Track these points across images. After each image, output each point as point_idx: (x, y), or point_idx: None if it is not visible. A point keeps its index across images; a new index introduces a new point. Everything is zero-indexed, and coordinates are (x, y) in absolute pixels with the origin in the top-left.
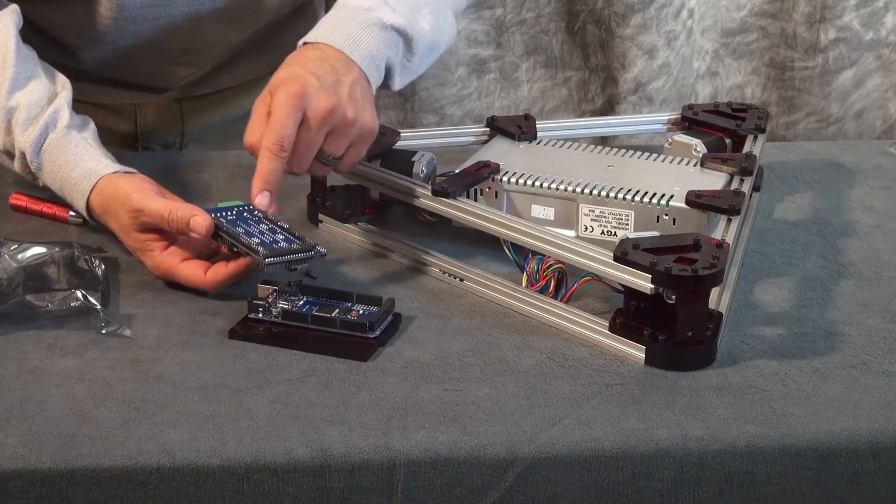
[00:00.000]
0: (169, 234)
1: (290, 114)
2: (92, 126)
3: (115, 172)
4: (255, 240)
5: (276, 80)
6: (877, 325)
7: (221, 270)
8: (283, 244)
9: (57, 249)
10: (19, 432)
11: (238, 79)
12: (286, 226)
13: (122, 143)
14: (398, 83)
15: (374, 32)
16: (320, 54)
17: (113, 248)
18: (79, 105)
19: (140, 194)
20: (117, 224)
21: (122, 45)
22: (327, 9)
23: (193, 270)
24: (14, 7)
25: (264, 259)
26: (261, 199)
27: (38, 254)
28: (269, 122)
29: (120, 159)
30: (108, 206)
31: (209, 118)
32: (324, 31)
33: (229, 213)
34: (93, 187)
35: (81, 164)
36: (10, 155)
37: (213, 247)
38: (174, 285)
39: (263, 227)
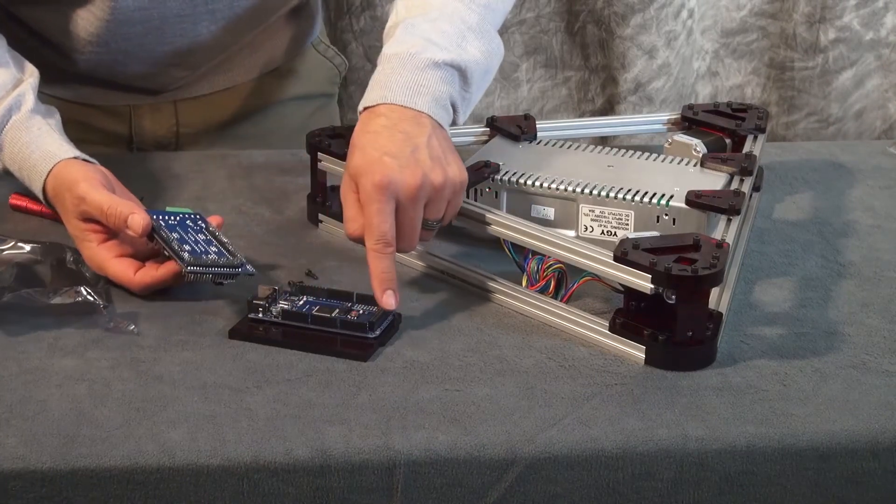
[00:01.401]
0: (108, 228)
1: (383, 208)
2: (57, 116)
3: (73, 158)
4: (187, 247)
5: (355, 167)
6: (877, 325)
7: (150, 273)
8: (212, 256)
9: (44, 247)
10: (19, 432)
11: (233, 80)
12: (225, 240)
13: (118, 145)
14: (462, 117)
15: (430, 74)
16: (386, 122)
17: None
18: (73, 106)
19: (87, 183)
20: (63, 208)
21: (115, 47)
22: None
23: (123, 268)
24: None
25: (187, 266)
26: (387, 300)
27: (26, 253)
28: (366, 221)
29: (114, 161)
30: (58, 191)
31: (204, 119)
32: (379, 90)
33: (173, 217)
34: (50, 170)
35: (42, 146)
36: None
37: (152, 248)
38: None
39: (201, 237)
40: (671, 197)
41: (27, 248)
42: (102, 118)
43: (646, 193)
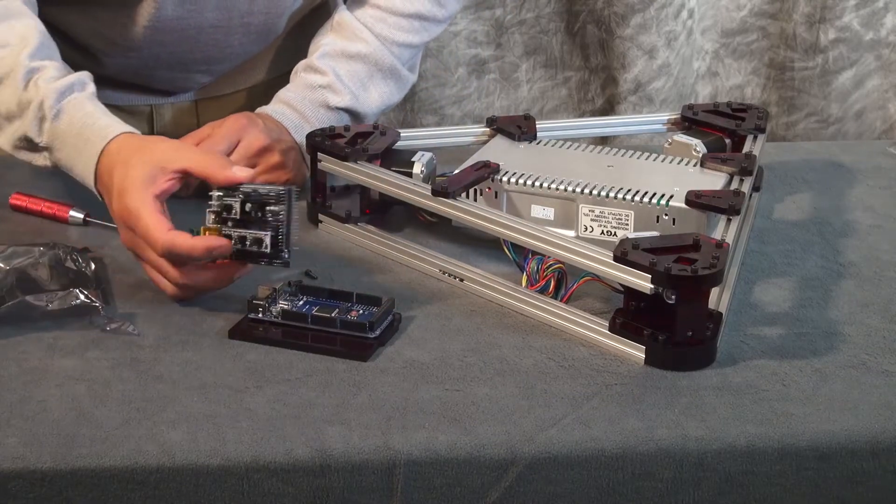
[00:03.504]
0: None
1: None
2: None
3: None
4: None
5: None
6: (877, 325)
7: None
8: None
9: (41, 249)
10: (19, 432)
11: (253, 80)
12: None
13: None
14: None
15: (321, 114)
16: (270, 124)
17: (101, 249)
18: None
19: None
20: (140, 162)
21: (147, 52)
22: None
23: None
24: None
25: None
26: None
27: (23, 256)
28: None
29: None
30: (142, 144)
31: (223, 118)
32: (278, 105)
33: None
34: (119, 133)
35: (108, 116)
36: (12, 117)
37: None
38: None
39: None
40: (671, 197)
41: (19, 251)
42: (124, 118)
43: (646, 193)
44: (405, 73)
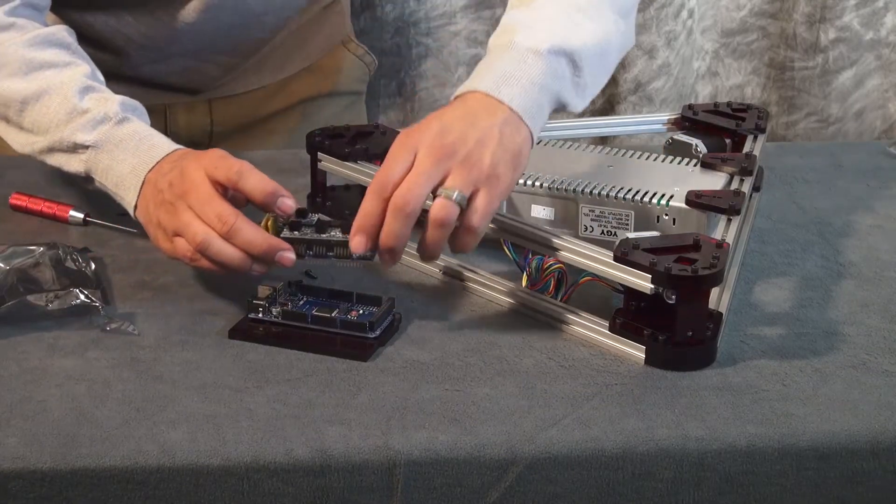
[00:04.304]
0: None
1: (397, 156)
2: None
3: None
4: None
5: (408, 129)
6: (877, 325)
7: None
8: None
9: (42, 249)
10: (19, 432)
11: (266, 79)
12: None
13: None
14: (577, 105)
15: (529, 64)
16: (461, 105)
17: (101, 249)
18: None
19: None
20: (189, 158)
21: (167, 50)
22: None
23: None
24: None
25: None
26: (354, 242)
27: (24, 256)
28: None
29: None
30: (190, 154)
31: (237, 117)
32: (471, 79)
33: None
34: (180, 148)
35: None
36: (52, 128)
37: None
38: (173, 285)
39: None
40: (671, 197)
41: (20, 250)
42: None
43: (646, 193)
44: (611, 14)
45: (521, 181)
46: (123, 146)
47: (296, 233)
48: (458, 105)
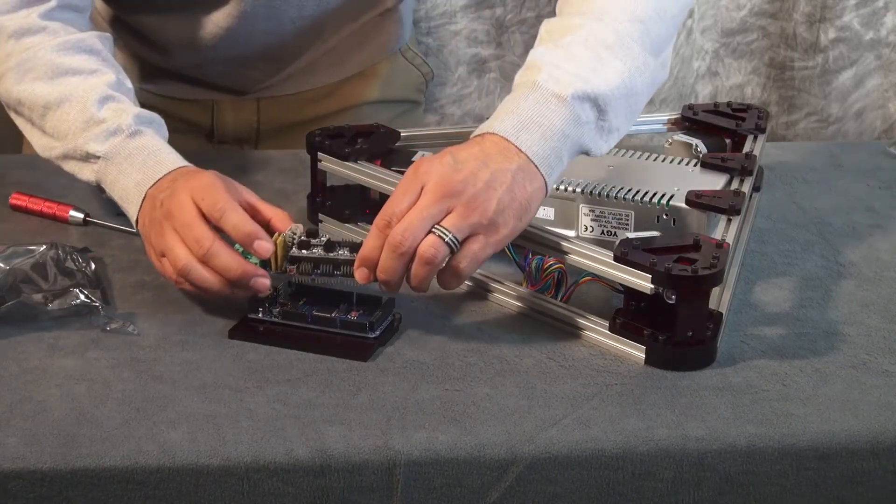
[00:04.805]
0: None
1: (406, 188)
2: None
3: None
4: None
5: (419, 162)
6: (877, 325)
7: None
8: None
9: (42, 249)
10: (19, 432)
11: (317, 83)
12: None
13: (199, 135)
14: (601, 148)
15: (551, 109)
16: (476, 146)
17: (101, 249)
18: (158, 98)
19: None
20: (192, 176)
21: (208, 55)
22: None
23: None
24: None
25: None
26: (358, 275)
27: (24, 256)
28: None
29: (196, 156)
30: (192, 173)
31: (285, 117)
32: (493, 118)
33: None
34: (186, 165)
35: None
36: (69, 134)
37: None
38: (173, 285)
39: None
40: (671, 197)
41: (20, 251)
42: (187, 108)
43: (646, 193)
44: (641, 51)
45: None
46: (132, 160)
47: (304, 251)
48: (475, 144)
